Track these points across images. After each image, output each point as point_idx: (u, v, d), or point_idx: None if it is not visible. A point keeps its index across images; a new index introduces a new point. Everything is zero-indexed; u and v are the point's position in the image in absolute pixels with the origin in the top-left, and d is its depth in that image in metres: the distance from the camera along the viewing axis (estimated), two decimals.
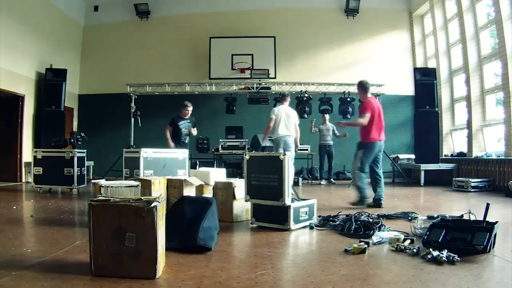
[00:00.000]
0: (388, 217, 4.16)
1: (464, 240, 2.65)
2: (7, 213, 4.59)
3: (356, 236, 3.20)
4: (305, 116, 9.67)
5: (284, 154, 3.60)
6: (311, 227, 3.66)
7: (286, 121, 6.92)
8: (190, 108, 6.98)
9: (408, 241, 2.95)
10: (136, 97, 9.68)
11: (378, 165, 5.31)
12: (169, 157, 6.18)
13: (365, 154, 5.19)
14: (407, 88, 10.82)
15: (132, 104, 9.49)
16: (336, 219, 3.82)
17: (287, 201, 3.56)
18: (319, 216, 3.99)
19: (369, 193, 5.21)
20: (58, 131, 9.55)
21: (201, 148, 9.54)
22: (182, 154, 6.31)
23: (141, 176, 5.73)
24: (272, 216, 3.66)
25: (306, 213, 3.76)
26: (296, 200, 3.87)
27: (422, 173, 8.63)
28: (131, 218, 2.18)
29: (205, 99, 10.55)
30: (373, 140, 5.21)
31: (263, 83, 9.93)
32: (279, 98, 7.80)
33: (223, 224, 3.81)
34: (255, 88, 9.72)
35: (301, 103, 9.64)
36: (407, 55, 11.58)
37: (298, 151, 9.15)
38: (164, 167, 6.04)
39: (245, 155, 3.89)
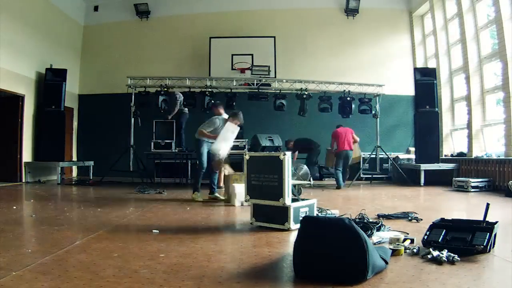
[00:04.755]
0: (388, 217, 4.16)
1: (464, 240, 2.65)
2: (7, 213, 4.58)
3: None
4: (305, 115, 9.67)
5: (284, 154, 3.59)
6: None
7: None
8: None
9: (408, 241, 2.95)
10: (136, 91, 9.60)
11: None
12: None
13: None
14: (407, 88, 10.80)
15: (132, 104, 9.46)
16: None
17: (287, 201, 3.56)
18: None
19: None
20: (58, 131, 9.56)
21: None
22: None
23: None
24: (272, 216, 3.65)
25: (306, 213, 3.76)
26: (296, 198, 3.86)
27: (422, 173, 8.62)
28: None
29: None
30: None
31: (263, 80, 9.93)
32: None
33: (226, 224, 3.80)
34: (255, 85, 9.71)
35: (301, 100, 9.63)
36: (407, 55, 11.57)
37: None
38: None
39: (245, 155, 3.88)
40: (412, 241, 2.94)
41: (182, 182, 9.41)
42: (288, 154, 3.64)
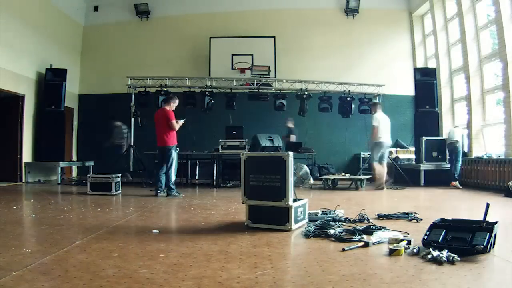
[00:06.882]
0: (388, 217, 4.16)
1: (464, 240, 2.65)
2: (7, 213, 4.58)
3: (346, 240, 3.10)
4: (305, 115, 9.67)
5: (287, 154, 3.56)
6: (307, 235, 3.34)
7: (387, 127, 7.82)
8: None
9: (404, 242, 2.93)
10: (136, 91, 9.61)
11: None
12: None
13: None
14: (407, 88, 10.80)
15: (132, 104, 9.46)
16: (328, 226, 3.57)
17: (290, 202, 3.53)
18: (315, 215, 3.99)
19: None
20: (58, 131, 9.56)
21: None
22: None
23: None
24: (271, 217, 3.60)
25: (301, 213, 3.76)
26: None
27: (422, 173, 8.62)
28: None
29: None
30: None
31: (263, 80, 9.93)
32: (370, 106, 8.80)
33: (226, 224, 3.80)
34: (255, 85, 9.71)
35: (301, 100, 9.63)
36: (407, 55, 11.57)
37: (300, 151, 9.16)
38: None
39: (242, 155, 3.77)
40: (409, 242, 2.90)
41: (183, 182, 9.40)
42: (291, 154, 3.61)
